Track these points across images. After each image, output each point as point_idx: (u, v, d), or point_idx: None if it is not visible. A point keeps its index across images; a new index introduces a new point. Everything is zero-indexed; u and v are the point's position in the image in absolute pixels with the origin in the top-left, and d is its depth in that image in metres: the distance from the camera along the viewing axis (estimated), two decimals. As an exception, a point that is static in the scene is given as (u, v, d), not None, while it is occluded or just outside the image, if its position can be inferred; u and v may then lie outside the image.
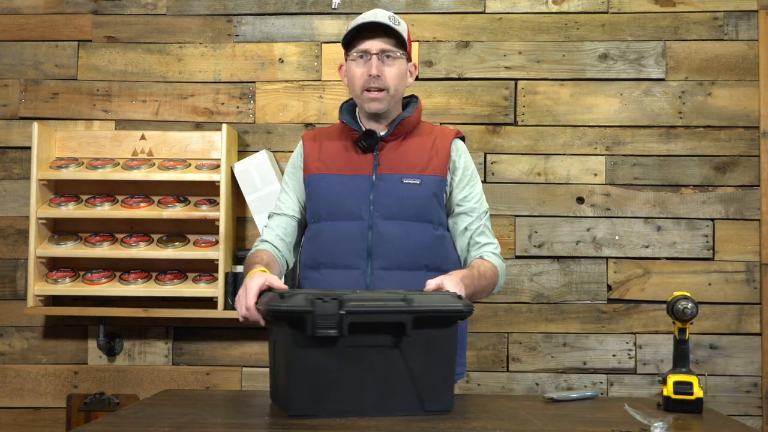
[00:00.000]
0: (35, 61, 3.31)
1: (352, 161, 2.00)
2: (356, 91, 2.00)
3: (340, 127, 2.08)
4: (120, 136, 3.23)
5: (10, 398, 3.22)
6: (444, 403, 1.61)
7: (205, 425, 1.52)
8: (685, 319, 1.74)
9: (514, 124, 3.22)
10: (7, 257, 3.26)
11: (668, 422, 1.44)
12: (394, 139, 2.01)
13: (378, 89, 1.95)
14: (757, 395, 3.14)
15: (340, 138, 2.05)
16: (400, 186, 1.96)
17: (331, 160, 2.02)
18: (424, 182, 1.97)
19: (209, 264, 3.09)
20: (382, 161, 1.99)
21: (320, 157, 2.03)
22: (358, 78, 1.97)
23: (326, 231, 1.97)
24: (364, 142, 1.99)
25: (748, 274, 3.15)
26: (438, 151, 2.01)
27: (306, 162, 2.05)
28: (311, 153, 2.05)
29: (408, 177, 1.97)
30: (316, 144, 2.06)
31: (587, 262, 3.18)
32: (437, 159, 2.00)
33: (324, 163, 2.02)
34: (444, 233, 2.02)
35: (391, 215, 1.95)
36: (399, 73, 1.98)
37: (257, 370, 3.20)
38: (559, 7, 3.25)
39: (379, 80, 1.95)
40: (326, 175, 2.00)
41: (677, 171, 3.19)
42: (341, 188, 1.98)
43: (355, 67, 1.98)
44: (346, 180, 1.98)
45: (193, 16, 3.30)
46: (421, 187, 1.97)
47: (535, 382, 3.16)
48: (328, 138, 2.07)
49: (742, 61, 3.20)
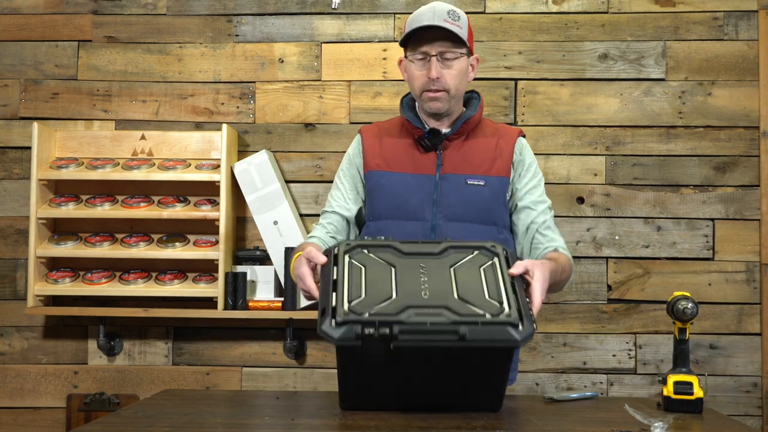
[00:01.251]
0: (35, 61, 3.31)
1: (415, 159, 1.96)
2: (416, 92, 1.96)
3: (400, 122, 2.03)
4: (120, 136, 3.23)
5: (10, 398, 3.22)
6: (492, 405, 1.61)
7: (205, 425, 1.52)
8: (685, 319, 1.74)
9: (514, 124, 3.22)
10: (7, 257, 3.26)
11: (668, 422, 1.44)
12: (457, 137, 1.97)
13: (437, 90, 1.91)
14: (757, 395, 3.14)
15: (401, 134, 2.01)
16: (464, 187, 1.92)
17: (392, 157, 1.97)
18: (488, 183, 1.94)
19: (209, 264, 3.09)
20: (445, 161, 1.95)
21: (381, 153, 1.98)
22: (418, 79, 1.93)
23: (387, 230, 1.89)
24: (428, 141, 1.95)
25: (748, 274, 3.15)
26: (502, 152, 1.98)
27: (366, 158, 2.00)
28: (371, 148, 2.00)
29: (472, 178, 1.93)
30: (377, 139, 2.01)
31: (587, 262, 3.18)
32: (501, 159, 1.97)
33: (385, 160, 1.97)
34: (507, 236, 1.98)
35: (455, 217, 1.91)
36: (459, 72, 1.93)
37: (257, 370, 3.20)
38: (559, 7, 3.25)
39: (439, 82, 1.90)
40: (387, 172, 1.96)
41: (677, 171, 3.19)
42: (404, 187, 1.93)
43: (414, 69, 1.93)
44: (409, 179, 1.94)
45: (193, 16, 3.30)
46: (485, 188, 1.93)
47: (535, 382, 3.16)
48: (389, 134, 2.02)
49: (742, 61, 3.20)
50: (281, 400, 1.85)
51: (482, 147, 1.97)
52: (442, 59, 1.90)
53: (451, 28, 1.88)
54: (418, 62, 1.92)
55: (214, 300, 3.05)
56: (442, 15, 1.89)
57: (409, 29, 1.91)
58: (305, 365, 3.20)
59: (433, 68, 1.89)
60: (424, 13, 1.91)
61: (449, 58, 1.91)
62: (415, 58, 1.92)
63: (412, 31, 1.90)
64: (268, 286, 3.12)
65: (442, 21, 1.88)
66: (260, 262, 3.13)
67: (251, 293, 3.11)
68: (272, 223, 3.07)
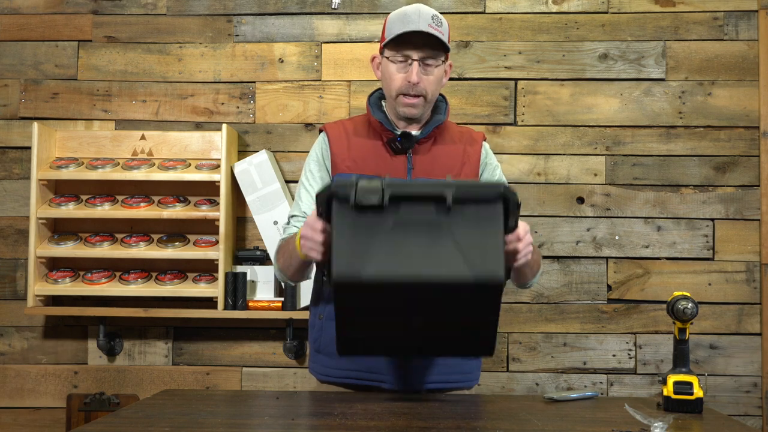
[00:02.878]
0: (35, 61, 3.31)
1: (385, 162, 1.94)
2: (392, 93, 1.95)
3: (366, 121, 2.02)
4: (120, 136, 3.23)
5: (10, 398, 3.22)
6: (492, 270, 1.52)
7: (205, 425, 1.52)
8: (685, 319, 1.74)
9: (514, 124, 3.22)
10: (7, 257, 3.26)
11: (668, 422, 1.44)
12: (426, 141, 1.97)
13: (415, 95, 1.92)
14: (757, 395, 3.14)
15: (369, 135, 1.99)
16: None
17: (362, 160, 1.95)
18: None
19: (209, 264, 3.09)
20: (416, 165, 1.94)
21: (350, 155, 1.96)
22: (397, 81, 1.92)
23: None
24: (400, 144, 1.94)
25: (748, 274, 3.15)
26: (470, 157, 2.00)
27: (334, 159, 1.97)
28: (340, 150, 1.97)
29: None
30: (344, 140, 1.98)
31: (587, 262, 3.18)
32: (470, 164, 1.99)
33: (355, 163, 1.95)
34: None
35: None
36: (437, 79, 1.94)
37: (257, 370, 3.20)
38: (559, 7, 3.25)
39: (418, 87, 1.91)
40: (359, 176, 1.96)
41: (677, 171, 3.19)
42: None
43: (394, 70, 1.93)
44: None
45: (193, 16, 3.30)
46: None
47: (535, 382, 3.16)
48: (356, 134, 2.00)
49: (742, 61, 3.20)
50: (281, 400, 1.85)
51: (451, 151, 1.98)
52: (423, 64, 1.90)
53: (437, 35, 1.88)
54: (399, 64, 1.91)
55: (214, 300, 3.05)
56: (427, 20, 1.89)
57: (395, 30, 1.90)
58: (305, 365, 3.19)
59: (414, 73, 1.89)
60: (409, 15, 1.90)
61: (430, 65, 1.91)
62: (396, 60, 1.91)
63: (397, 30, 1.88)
64: (268, 286, 3.12)
65: (427, 26, 1.88)
66: (260, 262, 3.13)
67: (251, 293, 3.11)
68: (272, 223, 3.07)
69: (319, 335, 1.98)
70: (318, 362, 2.01)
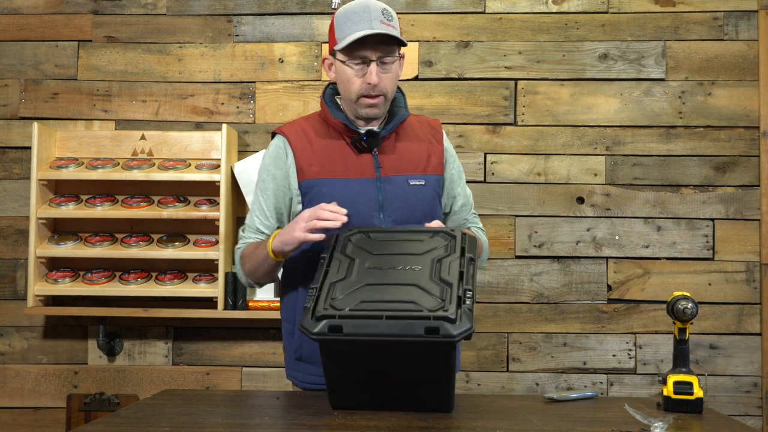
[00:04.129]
0: (35, 61, 3.31)
1: (352, 163, 1.88)
2: (351, 96, 1.88)
3: (322, 120, 1.94)
4: (120, 136, 3.23)
5: (10, 398, 3.22)
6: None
7: (205, 425, 1.52)
8: (685, 319, 1.74)
9: (514, 124, 3.22)
10: (7, 257, 3.26)
11: (668, 422, 1.44)
12: (388, 137, 1.92)
13: (376, 95, 1.86)
14: (757, 395, 3.14)
15: (330, 136, 1.91)
16: (407, 188, 1.89)
17: (329, 162, 1.88)
18: (428, 182, 1.92)
19: (209, 264, 3.09)
20: (383, 163, 1.89)
21: (315, 159, 1.88)
22: (355, 85, 1.85)
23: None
24: (366, 143, 1.88)
25: (748, 274, 3.15)
26: (435, 149, 1.96)
27: (299, 164, 1.88)
28: (303, 154, 1.89)
29: (413, 178, 1.91)
30: (306, 144, 1.90)
31: (587, 262, 3.18)
32: (435, 156, 1.96)
33: (322, 167, 1.87)
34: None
35: (403, 219, 1.87)
36: (395, 75, 1.89)
37: (257, 370, 3.20)
38: (559, 7, 3.25)
39: (378, 87, 1.85)
40: (328, 180, 1.86)
41: (677, 171, 3.19)
42: (347, 194, 1.84)
43: (351, 74, 1.85)
44: (352, 184, 1.86)
45: (193, 16, 3.30)
46: (426, 187, 1.91)
47: (535, 382, 3.16)
48: (317, 134, 1.92)
49: (742, 61, 3.20)
50: (281, 400, 1.85)
51: (416, 148, 1.94)
52: (380, 63, 1.84)
53: (390, 32, 1.81)
54: (356, 67, 1.84)
55: (214, 300, 3.05)
56: (377, 16, 1.82)
57: (347, 31, 1.82)
58: (305, 365, 3.19)
59: (374, 74, 1.83)
60: (358, 14, 1.83)
61: (387, 62, 1.85)
62: (353, 64, 1.84)
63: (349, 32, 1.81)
64: (268, 286, 3.12)
65: (378, 23, 1.81)
66: (260, 262, 3.12)
67: (251, 293, 3.11)
68: (272, 223, 3.07)
69: (300, 344, 1.91)
70: (300, 370, 1.94)
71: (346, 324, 1.52)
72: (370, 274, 1.63)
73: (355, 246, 1.72)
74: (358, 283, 1.61)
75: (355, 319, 1.53)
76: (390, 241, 1.74)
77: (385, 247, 1.72)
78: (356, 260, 1.67)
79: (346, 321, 1.52)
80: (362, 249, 1.71)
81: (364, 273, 1.64)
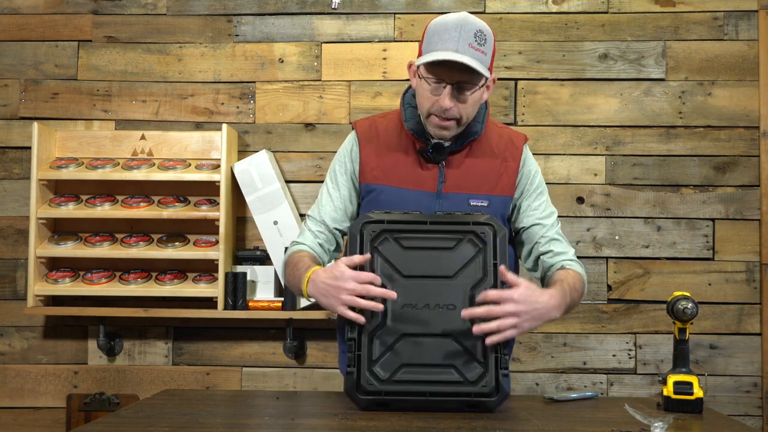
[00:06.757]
0: (35, 61, 3.31)
1: (415, 173, 1.84)
2: (423, 112, 1.81)
3: (398, 123, 1.90)
4: (120, 136, 3.23)
5: (10, 398, 3.22)
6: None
7: (205, 425, 1.52)
8: (685, 319, 1.74)
9: (514, 124, 3.22)
10: (7, 257, 3.26)
11: (668, 422, 1.44)
12: (459, 152, 1.86)
13: (447, 119, 1.77)
14: (757, 395, 3.14)
15: (400, 140, 1.88)
16: (466, 208, 1.82)
17: (391, 169, 1.85)
18: (491, 203, 1.84)
19: (209, 264, 3.09)
20: (448, 178, 1.84)
21: (378, 164, 1.86)
22: (428, 102, 1.78)
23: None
24: (432, 156, 1.83)
25: (748, 274, 3.15)
26: (508, 168, 1.88)
27: (362, 167, 1.88)
28: (368, 157, 1.87)
29: (475, 198, 1.84)
30: (373, 146, 1.88)
31: (587, 262, 3.18)
32: (507, 176, 1.87)
33: (383, 173, 1.85)
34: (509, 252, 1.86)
35: None
36: (474, 102, 1.78)
37: (257, 370, 3.20)
38: (559, 7, 3.25)
39: (450, 112, 1.76)
40: (386, 187, 1.84)
41: (677, 171, 3.19)
42: (402, 204, 1.81)
43: (426, 89, 1.77)
44: (408, 195, 1.83)
45: (193, 16, 3.30)
46: (488, 209, 1.83)
47: (535, 382, 3.16)
48: (387, 138, 1.89)
49: (742, 61, 3.20)
50: (281, 400, 1.85)
51: (486, 166, 1.87)
52: (457, 88, 1.74)
53: (475, 61, 1.70)
54: (433, 84, 1.75)
55: (214, 300, 3.05)
56: (468, 38, 1.71)
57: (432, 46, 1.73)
58: (305, 365, 3.20)
59: (447, 98, 1.74)
60: (449, 31, 1.72)
61: (466, 89, 1.75)
62: (431, 80, 1.75)
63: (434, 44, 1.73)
64: (268, 286, 3.12)
65: (467, 47, 1.70)
66: (260, 262, 3.13)
67: (251, 293, 3.11)
68: (272, 223, 3.07)
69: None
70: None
71: (391, 401, 1.62)
72: (404, 317, 1.66)
73: (383, 261, 1.69)
74: (394, 333, 1.65)
75: (399, 395, 1.62)
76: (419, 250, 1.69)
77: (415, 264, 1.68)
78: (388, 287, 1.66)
79: (392, 398, 1.62)
80: (392, 266, 1.68)
81: (399, 316, 1.66)
